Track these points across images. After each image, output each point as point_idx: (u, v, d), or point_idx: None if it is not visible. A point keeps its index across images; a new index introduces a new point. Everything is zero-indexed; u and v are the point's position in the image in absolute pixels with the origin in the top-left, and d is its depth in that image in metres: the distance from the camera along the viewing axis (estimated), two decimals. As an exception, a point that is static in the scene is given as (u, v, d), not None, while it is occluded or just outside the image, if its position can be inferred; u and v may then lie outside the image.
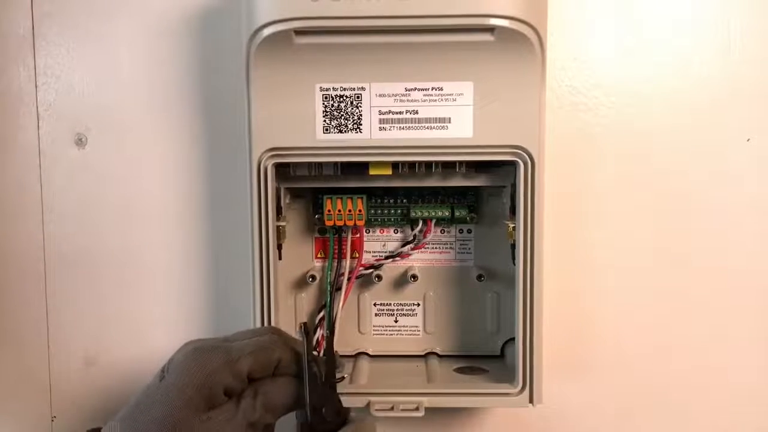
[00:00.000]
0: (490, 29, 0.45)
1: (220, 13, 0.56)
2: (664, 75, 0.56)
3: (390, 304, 0.57)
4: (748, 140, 0.56)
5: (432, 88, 0.48)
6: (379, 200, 0.55)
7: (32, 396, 0.59)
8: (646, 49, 0.56)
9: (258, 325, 0.50)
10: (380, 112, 0.48)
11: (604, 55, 0.56)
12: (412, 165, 0.51)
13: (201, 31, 0.56)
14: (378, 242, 0.57)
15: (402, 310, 0.57)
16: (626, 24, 0.55)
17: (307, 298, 0.57)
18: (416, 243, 0.56)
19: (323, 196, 0.53)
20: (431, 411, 0.50)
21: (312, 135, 0.48)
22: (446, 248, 0.57)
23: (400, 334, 0.57)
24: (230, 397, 0.41)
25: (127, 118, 0.57)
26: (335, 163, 0.51)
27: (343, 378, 0.52)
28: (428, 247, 0.57)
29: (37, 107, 0.57)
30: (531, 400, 0.50)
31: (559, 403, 0.57)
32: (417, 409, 0.49)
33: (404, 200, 0.55)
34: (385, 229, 0.57)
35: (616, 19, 0.55)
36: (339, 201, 0.53)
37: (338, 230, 0.55)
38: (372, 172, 0.51)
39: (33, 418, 0.59)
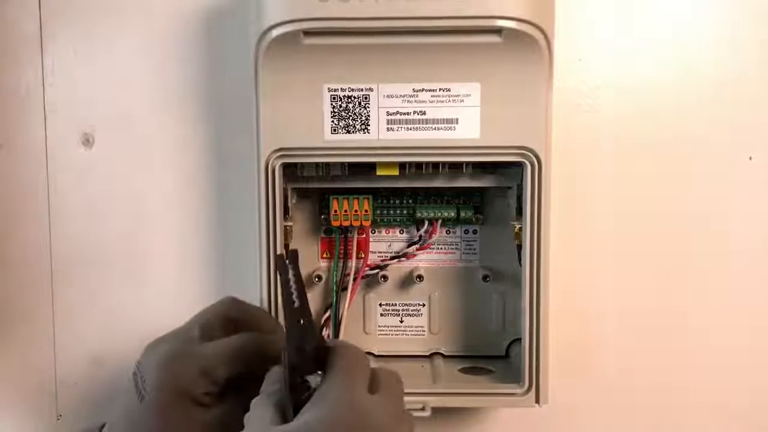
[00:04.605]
0: (498, 31, 0.46)
1: (229, 13, 0.56)
2: (668, 77, 0.56)
3: (395, 305, 0.57)
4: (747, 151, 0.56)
5: (439, 89, 0.48)
6: (385, 201, 0.55)
7: (38, 395, 0.59)
8: (651, 50, 0.56)
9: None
10: (388, 113, 0.48)
11: (609, 56, 0.56)
12: (419, 165, 0.51)
13: (209, 32, 0.56)
14: (384, 243, 0.57)
15: (407, 310, 0.57)
16: (631, 25, 0.56)
17: (313, 298, 0.56)
18: (422, 243, 0.56)
19: (330, 197, 0.53)
20: (437, 411, 0.50)
21: (320, 135, 0.48)
22: (452, 249, 0.57)
23: (406, 335, 0.58)
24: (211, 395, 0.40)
25: (134, 118, 0.57)
26: (342, 164, 0.51)
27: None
28: (434, 248, 0.57)
29: (44, 107, 0.57)
30: (537, 401, 0.50)
31: (565, 403, 0.57)
32: (423, 409, 0.49)
33: (410, 201, 0.55)
34: (390, 230, 0.57)
35: (621, 20, 0.56)
36: (345, 201, 0.53)
37: (344, 230, 0.55)
38: (379, 172, 0.51)
39: (39, 416, 0.60)
